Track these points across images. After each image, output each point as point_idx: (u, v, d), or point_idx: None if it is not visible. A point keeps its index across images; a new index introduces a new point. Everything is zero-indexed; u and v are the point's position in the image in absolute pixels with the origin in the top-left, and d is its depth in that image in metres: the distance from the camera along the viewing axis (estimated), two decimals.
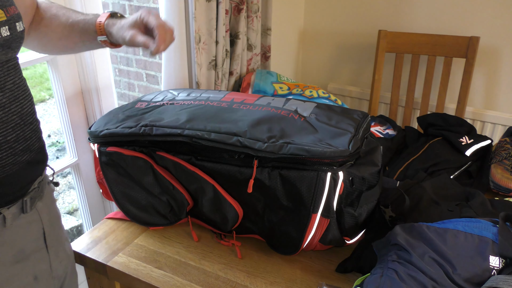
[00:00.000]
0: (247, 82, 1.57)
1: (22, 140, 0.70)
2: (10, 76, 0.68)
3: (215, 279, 0.86)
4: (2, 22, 0.65)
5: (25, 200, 0.73)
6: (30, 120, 0.73)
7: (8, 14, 0.67)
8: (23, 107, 0.71)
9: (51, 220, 0.81)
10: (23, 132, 0.71)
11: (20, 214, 0.73)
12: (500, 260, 0.74)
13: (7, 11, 0.66)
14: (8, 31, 0.67)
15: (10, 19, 0.67)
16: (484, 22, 1.83)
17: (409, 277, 0.71)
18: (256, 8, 1.56)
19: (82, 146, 1.22)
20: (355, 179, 0.82)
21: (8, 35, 0.67)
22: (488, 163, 1.14)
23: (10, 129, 0.68)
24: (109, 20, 0.84)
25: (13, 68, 0.70)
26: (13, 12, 0.68)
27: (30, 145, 0.72)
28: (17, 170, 0.70)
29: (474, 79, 1.93)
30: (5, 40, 0.66)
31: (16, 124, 0.69)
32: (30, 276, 0.74)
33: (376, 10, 2.01)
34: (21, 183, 0.72)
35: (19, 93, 0.70)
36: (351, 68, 2.19)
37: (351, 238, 0.87)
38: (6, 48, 0.67)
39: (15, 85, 0.69)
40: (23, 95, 0.71)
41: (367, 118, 0.92)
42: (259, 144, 0.81)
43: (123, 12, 1.52)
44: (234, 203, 0.88)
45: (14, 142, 0.69)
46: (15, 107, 0.69)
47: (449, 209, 0.90)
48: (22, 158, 0.71)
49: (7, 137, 0.67)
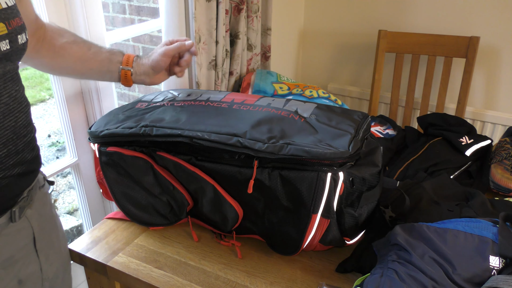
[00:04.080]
0: (247, 82, 1.57)
1: (13, 154, 0.69)
2: (7, 89, 0.67)
3: (215, 279, 0.86)
4: (2, 36, 0.64)
5: (14, 211, 0.71)
6: (24, 133, 0.71)
7: (10, 27, 0.65)
8: (17, 120, 0.69)
9: (42, 224, 0.79)
10: (15, 147, 0.69)
11: (8, 224, 0.71)
12: (500, 260, 0.74)
13: (9, 24, 0.65)
14: (8, 45, 0.65)
15: (12, 32, 0.65)
16: (484, 22, 1.83)
17: (409, 277, 0.71)
18: (256, 8, 1.56)
19: (82, 146, 1.22)
20: (355, 179, 0.82)
21: (7, 49, 0.65)
22: (488, 163, 1.14)
23: (2, 145, 0.66)
24: (136, 57, 1.00)
25: (11, 79, 0.68)
26: (16, 24, 0.67)
27: (22, 158, 0.71)
28: (6, 184, 0.68)
29: (474, 79, 1.93)
30: (4, 54, 0.65)
31: (8, 139, 0.67)
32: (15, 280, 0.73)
33: (376, 10, 2.01)
34: (10, 195, 0.70)
35: (14, 106, 0.68)
36: (351, 68, 2.19)
37: (351, 239, 0.87)
38: (5, 61, 0.65)
39: (11, 98, 0.67)
40: (19, 107, 0.70)
41: (367, 119, 0.92)
42: (259, 145, 0.81)
43: (123, 12, 1.52)
44: (234, 203, 0.88)
45: (5, 157, 0.67)
46: (8, 122, 0.67)
47: (449, 209, 0.90)
48: (13, 172, 0.69)
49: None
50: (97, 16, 1.13)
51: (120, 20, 2.36)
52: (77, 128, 1.20)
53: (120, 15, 2.34)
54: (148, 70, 0.99)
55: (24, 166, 0.72)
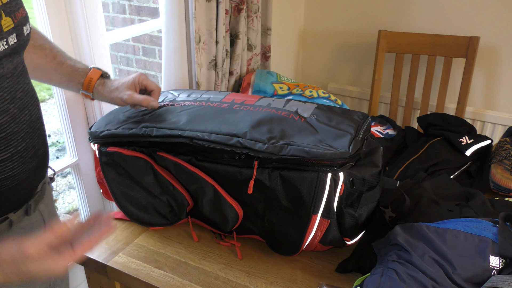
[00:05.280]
0: (247, 82, 1.57)
1: (31, 147, 0.70)
2: (20, 84, 0.67)
3: (215, 279, 0.86)
4: (9, 30, 0.63)
5: (30, 204, 0.73)
6: (37, 126, 0.72)
7: (16, 20, 0.64)
8: (31, 114, 0.70)
9: (51, 218, 0.81)
10: (31, 140, 0.70)
11: (24, 217, 0.73)
12: (500, 260, 0.74)
13: (15, 16, 0.64)
14: (16, 38, 0.65)
15: (18, 25, 0.65)
16: (484, 22, 1.83)
17: (409, 277, 0.71)
18: (256, 8, 1.56)
19: (82, 146, 1.22)
20: (355, 180, 0.82)
21: (15, 43, 0.65)
22: (488, 163, 1.14)
23: (21, 139, 0.67)
24: (100, 80, 0.93)
25: (22, 74, 0.68)
26: (21, 15, 0.66)
27: (37, 151, 0.72)
28: (26, 178, 0.70)
29: (474, 79, 1.93)
30: (12, 48, 0.64)
31: (26, 133, 0.68)
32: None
33: (376, 10, 2.01)
34: (28, 188, 0.72)
35: (28, 100, 0.69)
36: (351, 68, 2.19)
37: (351, 239, 0.87)
38: (13, 55, 0.65)
39: (24, 92, 0.68)
40: (31, 101, 0.70)
41: (367, 119, 0.92)
42: (259, 145, 0.81)
43: (123, 12, 1.53)
44: (234, 203, 0.88)
45: (24, 151, 0.68)
46: (24, 116, 0.68)
47: (449, 209, 0.90)
48: (31, 165, 0.71)
49: (18, 147, 0.67)
50: (97, 16, 1.13)
51: (120, 20, 2.36)
52: (77, 128, 1.20)
53: (120, 15, 2.34)
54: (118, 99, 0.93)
55: (39, 159, 0.73)
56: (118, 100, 0.92)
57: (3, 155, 0.65)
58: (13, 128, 0.65)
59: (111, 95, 0.92)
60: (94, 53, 1.16)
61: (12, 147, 0.66)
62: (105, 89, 0.93)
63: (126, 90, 0.91)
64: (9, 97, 0.64)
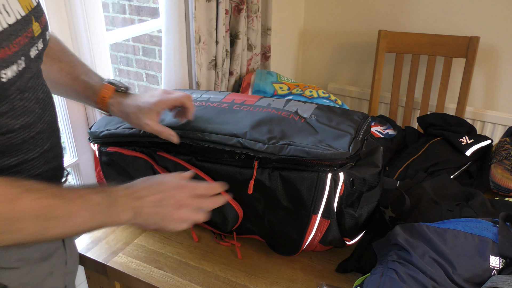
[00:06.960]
0: (247, 82, 1.57)
1: (53, 147, 0.71)
2: (40, 85, 0.68)
3: (215, 279, 0.86)
4: (39, 35, 0.64)
5: None
6: (56, 127, 0.73)
7: (41, 25, 0.65)
8: (52, 114, 0.71)
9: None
10: (53, 140, 0.71)
11: None
12: (500, 260, 0.74)
13: (40, 22, 0.65)
14: (42, 43, 0.65)
15: (43, 30, 0.66)
16: (484, 22, 1.83)
17: (409, 277, 0.71)
18: (256, 8, 1.56)
19: (82, 146, 1.22)
20: (355, 180, 0.82)
21: (42, 48, 0.66)
22: (488, 163, 1.14)
23: (45, 139, 0.68)
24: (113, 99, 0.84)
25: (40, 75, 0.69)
26: (45, 21, 0.67)
27: (57, 151, 0.73)
28: (49, 178, 0.70)
29: (474, 79, 1.93)
30: (39, 53, 0.65)
31: (49, 134, 0.69)
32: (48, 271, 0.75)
33: (376, 10, 2.01)
34: None
35: (48, 101, 0.70)
36: (351, 68, 2.19)
37: (351, 239, 0.87)
38: (39, 60, 0.66)
39: (44, 93, 0.69)
40: (50, 102, 0.71)
41: (367, 119, 0.92)
42: (259, 145, 0.81)
43: (123, 12, 1.52)
44: (234, 203, 0.88)
45: (49, 151, 0.69)
46: (47, 116, 0.69)
47: (449, 209, 0.90)
48: (52, 165, 0.71)
49: (44, 146, 0.68)
50: (97, 16, 1.13)
51: (120, 20, 2.36)
52: (77, 128, 1.20)
53: (120, 15, 2.34)
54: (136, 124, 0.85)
55: (59, 159, 0.74)
56: (136, 126, 0.85)
57: (33, 155, 0.66)
58: (40, 127, 0.66)
59: (129, 119, 0.85)
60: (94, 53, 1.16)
61: (39, 146, 0.67)
62: (121, 109, 0.85)
63: (146, 119, 0.82)
64: (34, 97, 0.65)
